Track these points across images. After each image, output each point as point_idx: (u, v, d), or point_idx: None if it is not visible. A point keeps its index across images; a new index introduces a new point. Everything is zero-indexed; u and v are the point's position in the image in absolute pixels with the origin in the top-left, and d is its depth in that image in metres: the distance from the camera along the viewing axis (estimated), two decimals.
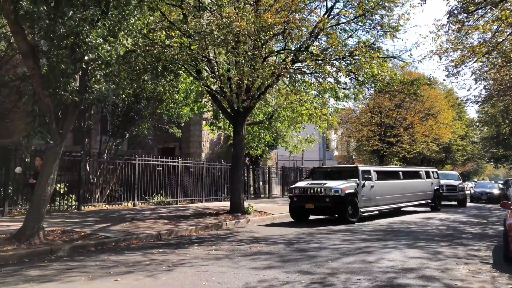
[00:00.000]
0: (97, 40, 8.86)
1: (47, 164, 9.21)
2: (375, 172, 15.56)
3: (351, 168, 15.58)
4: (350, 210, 13.84)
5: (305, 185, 14.56)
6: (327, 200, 13.66)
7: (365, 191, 14.66)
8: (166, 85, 15.15)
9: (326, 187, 13.81)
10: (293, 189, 14.79)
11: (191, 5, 14.33)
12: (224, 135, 24.61)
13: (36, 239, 8.51)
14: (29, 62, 9.15)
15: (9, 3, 8.53)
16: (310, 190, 14.15)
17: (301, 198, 14.29)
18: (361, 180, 14.52)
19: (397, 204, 16.80)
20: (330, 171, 16.61)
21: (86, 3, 9.53)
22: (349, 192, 13.89)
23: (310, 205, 14.08)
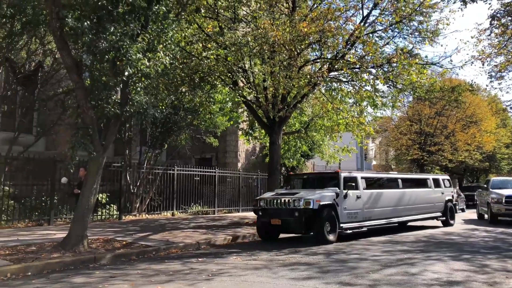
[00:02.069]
0: (137, 55, 9.10)
1: (90, 174, 9.51)
2: (363, 179, 12.86)
3: (332, 175, 12.88)
4: (327, 226, 11.25)
5: (272, 196, 12.06)
6: (296, 215, 11.17)
7: (348, 203, 11.96)
8: (203, 96, 15.40)
9: (296, 197, 11.36)
10: (258, 201, 12.24)
11: (227, 17, 14.57)
12: (260, 144, 24.69)
13: (81, 247, 8.78)
14: (73, 76, 9.52)
15: (56, 20, 8.91)
16: (276, 202, 11.65)
17: (267, 212, 11.80)
18: (342, 189, 11.86)
19: (394, 218, 13.81)
20: (308, 178, 13.89)
21: (126, 18, 9.84)
22: (325, 204, 11.27)
23: (277, 221, 11.53)
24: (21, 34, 13.79)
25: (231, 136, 23.97)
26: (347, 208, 11.91)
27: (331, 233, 11.28)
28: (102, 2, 9.16)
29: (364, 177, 13.01)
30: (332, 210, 11.45)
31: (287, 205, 11.41)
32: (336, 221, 11.47)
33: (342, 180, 12.01)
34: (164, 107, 15.74)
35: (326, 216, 11.24)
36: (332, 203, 11.50)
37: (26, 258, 7.91)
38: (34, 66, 15.81)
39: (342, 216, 11.72)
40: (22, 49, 14.76)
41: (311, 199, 11.11)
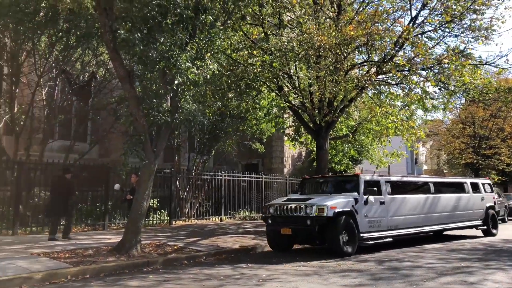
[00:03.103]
0: (186, 64, 9.29)
1: (142, 180, 9.80)
2: (387, 183, 11.55)
3: (351, 178, 11.69)
4: (344, 236, 10.00)
5: (282, 202, 10.88)
6: (308, 223, 9.93)
7: (370, 210, 10.67)
8: (249, 102, 15.53)
9: (307, 204, 10.14)
10: (267, 208, 11.10)
11: (272, 24, 14.64)
12: (306, 150, 24.55)
13: (134, 251, 9.05)
14: (126, 85, 9.85)
15: (109, 33, 9.29)
16: (286, 208, 10.43)
17: (276, 220, 10.66)
18: (362, 194, 10.62)
19: (426, 227, 12.37)
20: (324, 182, 12.48)
21: (175, 29, 10.11)
22: (342, 211, 10.03)
23: (287, 230, 10.29)
24: (76, 47, 14.48)
25: (276, 141, 23.99)
26: (368, 216, 10.60)
27: (348, 244, 10.01)
28: (152, 14, 9.45)
29: (388, 181, 11.74)
30: (350, 218, 10.18)
31: (298, 212, 10.19)
32: (355, 231, 10.18)
33: (362, 184, 10.79)
34: (211, 114, 16.01)
35: (343, 224, 9.95)
36: (350, 210, 10.22)
37: (84, 261, 8.24)
38: (87, 77, 16.53)
39: (362, 225, 10.42)
40: (77, 61, 15.49)
41: (325, 205, 9.87)
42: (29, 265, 7.74)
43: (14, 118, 14.00)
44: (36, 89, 14.25)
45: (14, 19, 12.76)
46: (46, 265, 7.79)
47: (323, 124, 14.57)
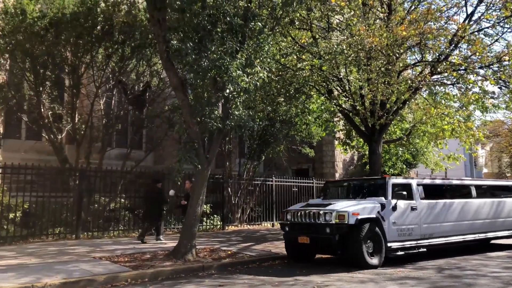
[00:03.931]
0: (237, 72, 9.41)
1: (196, 186, 10.01)
2: (420, 186, 10.43)
3: (377, 181, 10.60)
4: (368, 247, 9.10)
5: (300, 207, 10.09)
6: (328, 231, 9.07)
7: (399, 216, 9.67)
8: (299, 107, 15.48)
9: (327, 210, 9.24)
10: (284, 214, 10.34)
11: (321, 27, 14.54)
12: (358, 154, 24.11)
13: (190, 256, 9.24)
14: (179, 94, 10.12)
15: (162, 43, 9.59)
16: (304, 215, 9.64)
17: (294, 228, 9.89)
18: (390, 199, 9.65)
19: (466, 235, 11.01)
20: (349, 186, 11.42)
21: (225, 37, 10.29)
22: (366, 218, 9.11)
23: (304, 239, 9.47)
24: (131, 58, 15.05)
25: (327, 146, 23.74)
26: (397, 223, 9.59)
27: (374, 255, 9.09)
28: (203, 23, 9.67)
29: (421, 183, 10.62)
30: (376, 225, 9.23)
31: (316, 219, 9.34)
32: (381, 240, 9.21)
33: (390, 187, 9.78)
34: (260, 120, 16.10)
35: (367, 233, 9.00)
36: (376, 216, 9.27)
37: (143, 265, 8.52)
38: (142, 87, 17.12)
39: (390, 233, 9.43)
40: (132, 71, 16.09)
41: (347, 211, 8.98)
42: (92, 268, 8.11)
43: (75, 128, 14.74)
44: (95, 100, 14.93)
45: (74, 33, 13.47)
46: (108, 268, 8.13)
47: (376, 127, 14.24)
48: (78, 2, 13.73)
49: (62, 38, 13.59)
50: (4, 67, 13.97)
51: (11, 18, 13.31)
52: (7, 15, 13.38)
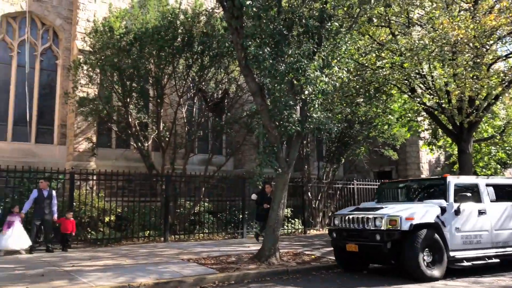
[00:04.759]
0: (315, 73, 9.34)
1: (277, 190, 10.03)
2: (489, 187, 9.24)
3: (436, 182, 9.56)
4: (426, 256, 8.06)
5: (348, 212, 9.22)
6: (378, 238, 8.15)
7: (464, 221, 8.58)
8: (380, 107, 14.99)
9: (377, 214, 8.33)
10: (332, 219, 9.53)
11: (400, 23, 13.99)
12: (445, 154, 22.80)
13: (274, 259, 9.27)
14: (257, 99, 10.23)
15: (240, 50, 9.76)
16: (352, 220, 8.77)
17: (341, 234, 8.99)
18: (452, 201, 8.62)
19: None
20: (405, 187, 10.42)
21: (301, 40, 10.27)
22: (422, 223, 8.11)
23: (352, 246, 8.57)
24: (210, 66, 15.53)
25: (411, 147, 22.71)
26: (461, 229, 8.52)
27: (433, 266, 8.06)
28: (278, 28, 9.73)
29: (491, 184, 9.37)
30: (435, 231, 8.21)
31: (365, 224, 8.45)
32: (442, 248, 8.16)
33: (451, 188, 8.74)
34: (339, 122, 15.81)
35: (424, 240, 7.98)
36: (435, 221, 8.26)
37: (228, 268, 8.69)
38: (221, 94, 17.56)
39: (453, 241, 8.38)
40: (211, 80, 16.59)
41: (399, 216, 8.00)
42: (181, 269, 8.43)
43: (160, 136, 15.48)
44: (178, 108, 15.59)
45: (157, 46, 14.19)
46: (196, 270, 8.40)
47: (465, 125, 13.38)
48: (159, 16, 14.45)
49: (146, 51, 14.36)
50: (95, 81, 15.06)
51: (100, 36, 14.34)
52: (97, 33, 14.44)
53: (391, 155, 19.59)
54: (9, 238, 10.37)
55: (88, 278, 7.55)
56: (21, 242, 10.53)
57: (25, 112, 15.12)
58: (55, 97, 16.45)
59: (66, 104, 15.88)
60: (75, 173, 12.43)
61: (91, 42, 14.68)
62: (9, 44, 15.70)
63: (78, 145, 15.59)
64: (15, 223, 10.53)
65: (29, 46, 15.76)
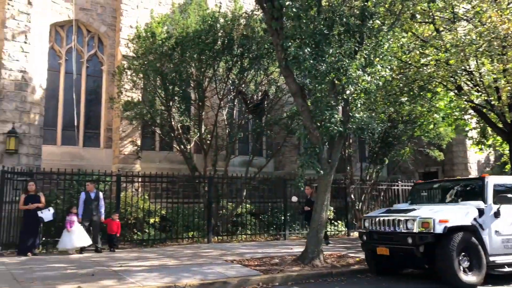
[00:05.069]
0: (357, 72, 9.21)
1: (320, 192, 9.94)
2: None
3: (473, 182, 9.19)
4: (462, 261, 7.62)
5: (379, 214, 8.93)
6: (410, 242, 7.78)
7: (504, 224, 8.09)
8: (424, 105, 14.55)
9: (409, 216, 8.00)
10: (362, 221, 9.27)
11: (445, 18, 13.54)
12: (495, 153, 21.86)
13: (317, 261, 9.19)
14: (298, 100, 10.19)
15: (280, 52, 9.76)
16: (383, 222, 8.44)
17: (372, 237, 8.66)
18: (491, 203, 8.15)
19: None
20: (440, 188, 10.01)
21: (342, 39, 10.15)
22: (457, 226, 7.70)
23: (383, 250, 8.25)
24: (249, 68, 15.59)
25: (458, 146, 21.92)
26: (501, 233, 8.01)
27: (471, 271, 7.60)
28: (319, 27, 9.65)
29: None
30: (472, 235, 7.77)
31: (396, 227, 8.11)
32: (480, 253, 7.69)
33: (490, 189, 8.24)
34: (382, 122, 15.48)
35: (460, 244, 7.54)
36: (472, 224, 7.83)
37: (272, 269, 8.68)
38: (261, 96, 17.61)
39: (493, 245, 7.90)
40: (251, 82, 16.65)
41: (432, 218, 7.62)
42: (225, 271, 8.50)
43: (202, 138, 15.69)
44: (218, 111, 15.75)
45: (197, 50, 14.39)
46: (240, 272, 8.45)
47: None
48: (200, 21, 14.65)
49: (187, 55, 14.58)
50: (139, 86, 15.45)
51: (143, 41, 14.71)
52: (140, 39, 14.82)
53: (436, 155, 19.00)
54: (73, 237, 10.84)
55: (135, 278, 7.75)
56: (83, 240, 10.99)
57: (73, 117, 15.71)
58: (101, 102, 17.00)
59: (112, 109, 16.38)
60: (122, 175, 12.82)
61: (134, 48, 15.09)
62: (58, 52, 16.36)
63: (123, 148, 16.03)
64: (75, 222, 10.99)
65: (76, 53, 16.37)
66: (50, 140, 15.55)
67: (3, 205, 11.02)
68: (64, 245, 10.89)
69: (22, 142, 12.87)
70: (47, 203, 11.29)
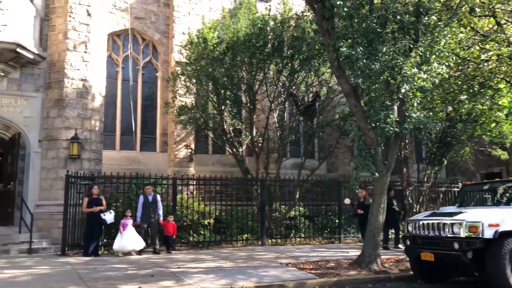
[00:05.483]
0: (412, 70, 8.94)
1: (376, 194, 9.71)
2: None
3: None
4: None
5: (423, 217, 8.46)
6: (456, 247, 7.26)
7: None
8: (486, 103, 13.83)
9: (455, 220, 7.50)
10: (406, 225, 8.73)
11: (507, 11, 12.83)
12: None
13: (375, 266, 8.97)
14: (351, 100, 10.01)
15: (332, 52, 9.63)
16: (427, 226, 7.98)
17: (416, 242, 8.22)
18: None
19: None
20: (491, 189, 9.35)
21: (396, 36, 9.88)
22: (510, 231, 7.14)
23: (428, 255, 7.77)
24: (300, 70, 15.52)
25: None
26: None
27: None
28: (371, 26, 9.46)
29: None
30: None
31: (441, 231, 7.62)
32: None
33: None
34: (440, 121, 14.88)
35: None
36: None
37: (328, 273, 8.57)
38: (311, 97, 17.47)
39: None
40: (301, 83, 16.56)
41: (480, 222, 7.11)
42: (280, 274, 8.48)
43: (254, 141, 15.78)
44: (269, 113, 15.79)
45: (248, 54, 14.51)
46: (295, 275, 8.40)
47: None
48: (250, 24, 14.77)
49: (238, 59, 14.75)
50: (192, 91, 15.80)
51: (195, 47, 15.04)
52: (192, 45, 15.16)
53: (499, 154, 17.99)
54: (124, 240, 11.24)
55: (192, 279, 7.90)
56: (135, 243, 11.37)
57: (130, 123, 16.30)
58: (156, 107, 17.53)
59: (167, 114, 16.85)
60: (177, 179, 13.16)
61: (187, 54, 15.45)
62: (115, 60, 17.05)
63: (178, 152, 16.44)
64: (128, 226, 11.39)
65: (132, 60, 17.00)
66: (109, 145, 16.20)
67: (68, 208, 11.61)
68: (117, 247, 11.31)
69: (84, 148, 13.50)
70: (107, 205, 11.77)
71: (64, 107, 13.50)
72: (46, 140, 13.42)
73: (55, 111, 13.54)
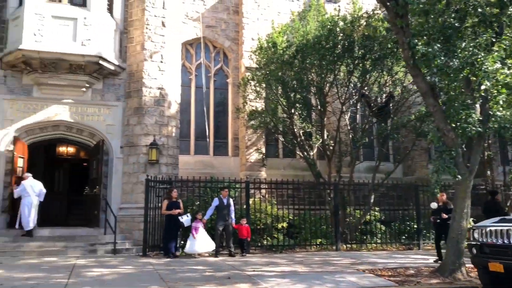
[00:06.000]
0: (494, 65, 8.39)
1: (458, 198, 9.20)
2: None
3: None
4: None
5: (491, 223, 7.76)
6: None
7: None
8: None
9: None
10: (472, 232, 8.06)
11: None
12: None
13: (459, 275, 8.48)
14: (429, 100, 9.59)
15: (407, 50, 9.29)
16: (495, 233, 7.33)
17: (483, 250, 7.57)
18: None
19: None
20: None
21: (477, 31, 9.33)
22: None
23: (497, 265, 7.09)
24: (372, 70, 15.10)
25: None
26: None
27: None
28: (448, 21, 9.03)
29: None
30: None
31: (510, 239, 7.02)
32: None
33: None
34: None
35: None
36: None
37: (408, 281, 8.22)
38: (385, 98, 16.92)
39: None
40: (374, 84, 16.10)
41: None
42: (357, 280, 8.28)
43: (325, 144, 15.57)
44: (341, 116, 15.51)
45: (318, 56, 14.38)
46: (373, 282, 8.16)
47: None
48: (319, 26, 14.64)
49: (307, 62, 14.65)
50: (262, 95, 15.94)
51: (264, 52, 15.18)
52: (262, 50, 15.32)
53: None
54: (196, 243, 11.61)
55: (268, 283, 7.94)
56: (206, 245, 11.70)
57: (203, 128, 16.78)
58: (227, 113, 17.90)
59: (238, 119, 17.15)
60: (250, 182, 13.34)
61: (256, 59, 15.63)
62: (188, 68, 17.66)
63: (249, 156, 16.65)
64: (199, 228, 11.73)
65: (204, 68, 17.52)
66: (184, 150, 16.79)
67: (148, 210, 12.19)
68: (189, 249, 11.67)
69: (161, 153, 14.10)
70: (183, 208, 12.20)
71: (143, 115, 14.19)
72: (127, 146, 14.19)
73: (134, 118, 14.29)
